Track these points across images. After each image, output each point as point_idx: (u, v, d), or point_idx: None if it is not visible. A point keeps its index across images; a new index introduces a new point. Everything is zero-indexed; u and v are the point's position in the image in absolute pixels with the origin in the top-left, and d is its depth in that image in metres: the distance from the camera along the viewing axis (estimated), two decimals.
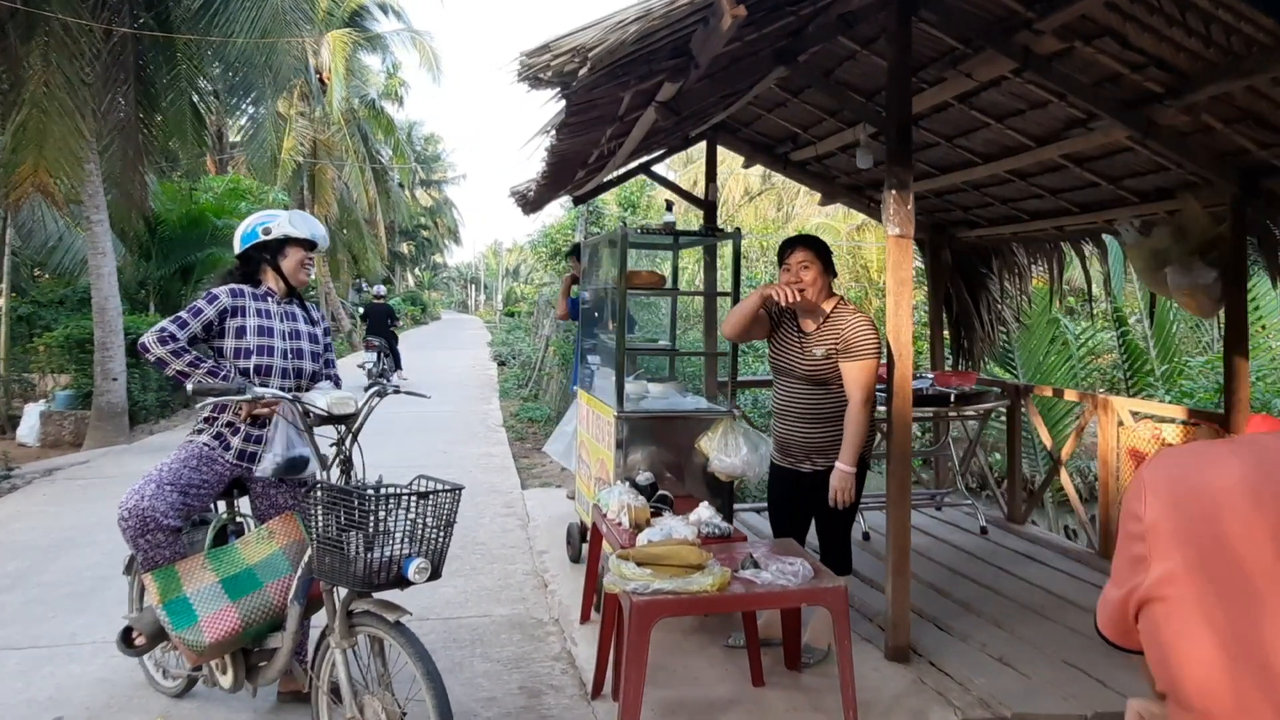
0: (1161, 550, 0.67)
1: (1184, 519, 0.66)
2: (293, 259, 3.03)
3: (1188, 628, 0.65)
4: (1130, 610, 0.70)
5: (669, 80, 2.98)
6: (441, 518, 2.33)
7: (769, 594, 2.73)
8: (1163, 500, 0.68)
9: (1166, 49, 3.17)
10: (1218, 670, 0.63)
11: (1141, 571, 0.68)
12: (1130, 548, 0.70)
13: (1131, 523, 0.70)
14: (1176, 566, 0.66)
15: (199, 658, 2.68)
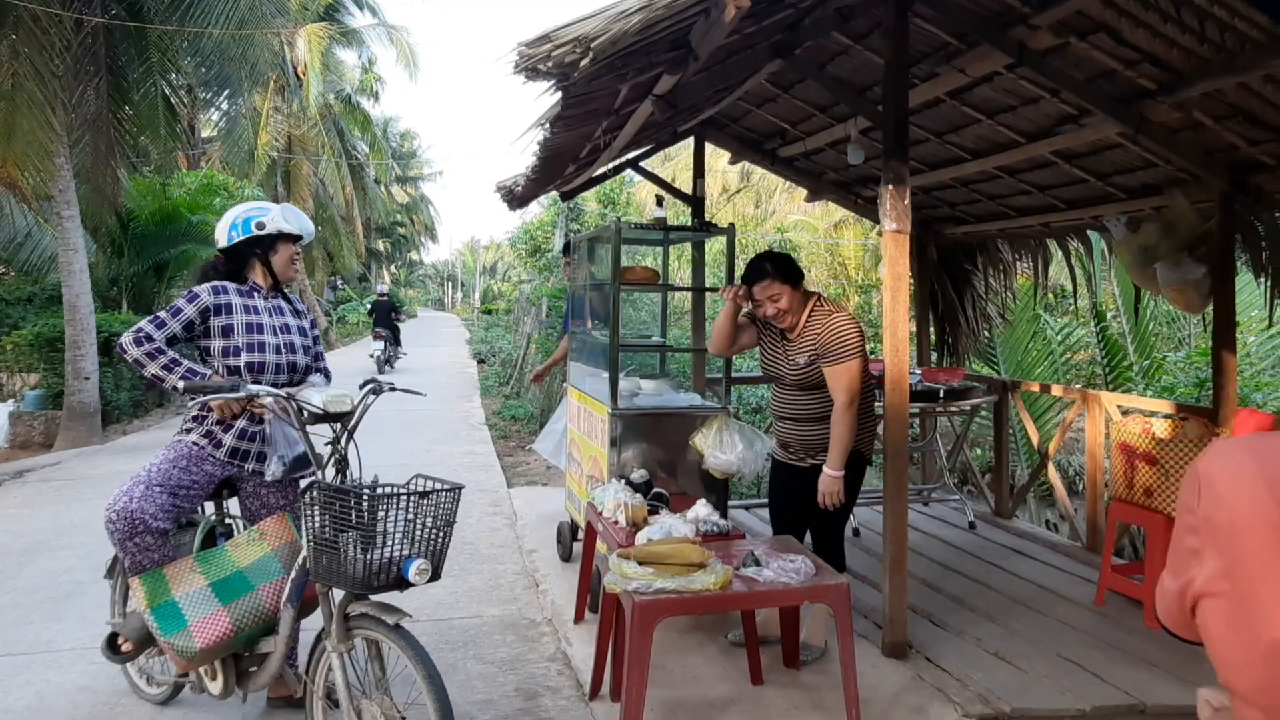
0: (1215, 544, 0.66)
1: (1238, 513, 0.65)
2: (284, 254, 2.97)
3: (1243, 624, 0.64)
4: (1188, 603, 0.70)
5: (668, 73, 2.95)
6: (441, 518, 2.28)
7: (772, 592, 2.71)
8: (1217, 494, 0.67)
9: (1160, 45, 3.19)
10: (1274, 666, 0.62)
11: (1196, 564, 0.68)
12: (1185, 540, 0.70)
13: (1186, 515, 0.70)
14: (1230, 561, 0.65)
15: (188, 664, 2.60)
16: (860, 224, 18.78)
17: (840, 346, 3.21)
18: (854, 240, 20.08)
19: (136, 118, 10.44)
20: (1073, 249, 5.83)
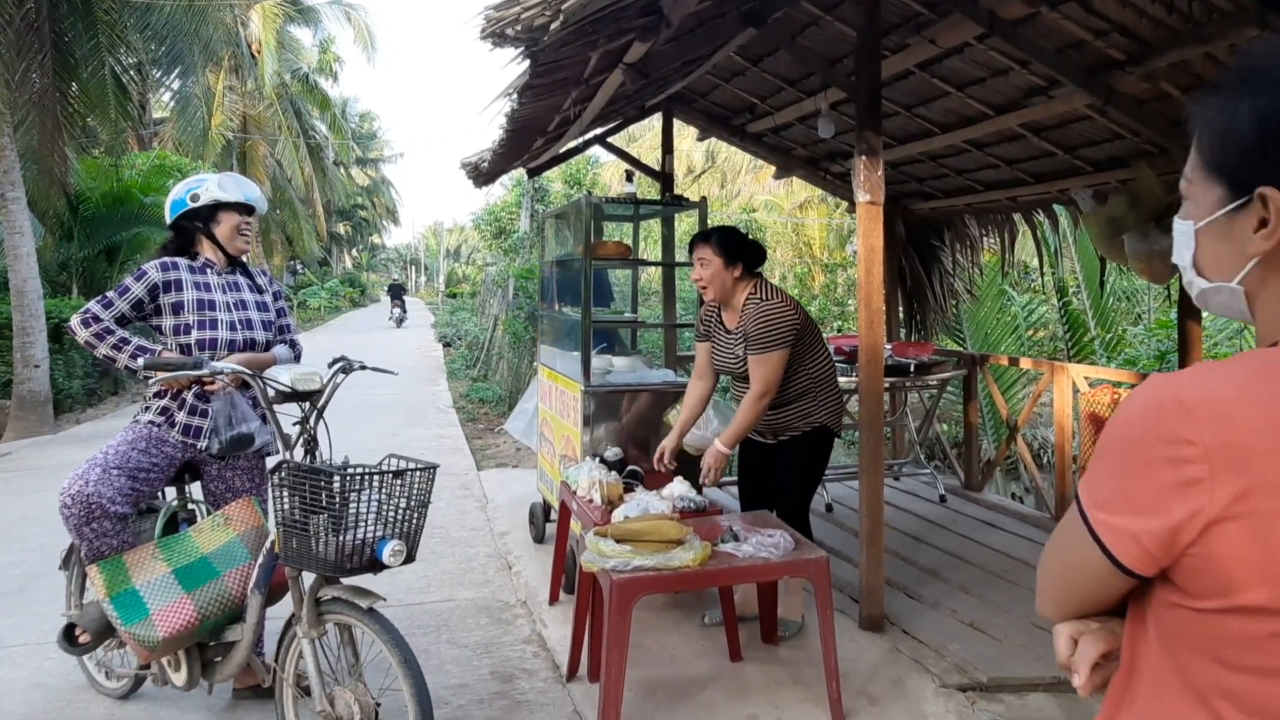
0: (1230, 470, 0.66)
1: (1252, 435, 0.66)
2: (226, 225, 2.81)
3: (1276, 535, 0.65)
4: (1186, 537, 0.69)
5: (639, 40, 2.87)
6: (415, 498, 2.21)
7: (751, 567, 2.69)
8: (1217, 421, 0.67)
9: (1130, 15, 3.19)
10: None
11: (1200, 494, 0.67)
12: (1170, 473, 0.69)
13: (1174, 448, 0.68)
14: (1252, 484, 0.66)
15: (151, 654, 2.51)
16: (825, 203, 18.87)
17: (763, 336, 3.14)
18: (819, 220, 20.17)
19: (85, 96, 10.04)
20: (1038, 223, 5.87)
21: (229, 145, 21.55)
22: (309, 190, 27.30)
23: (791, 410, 3.27)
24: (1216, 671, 0.72)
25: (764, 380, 3.13)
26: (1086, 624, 0.83)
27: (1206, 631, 0.72)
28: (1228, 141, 0.75)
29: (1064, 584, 0.83)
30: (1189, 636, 0.74)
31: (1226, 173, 0.76)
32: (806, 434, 3.26)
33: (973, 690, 2.95)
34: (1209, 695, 0.72)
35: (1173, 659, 0.75)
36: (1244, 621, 0.69)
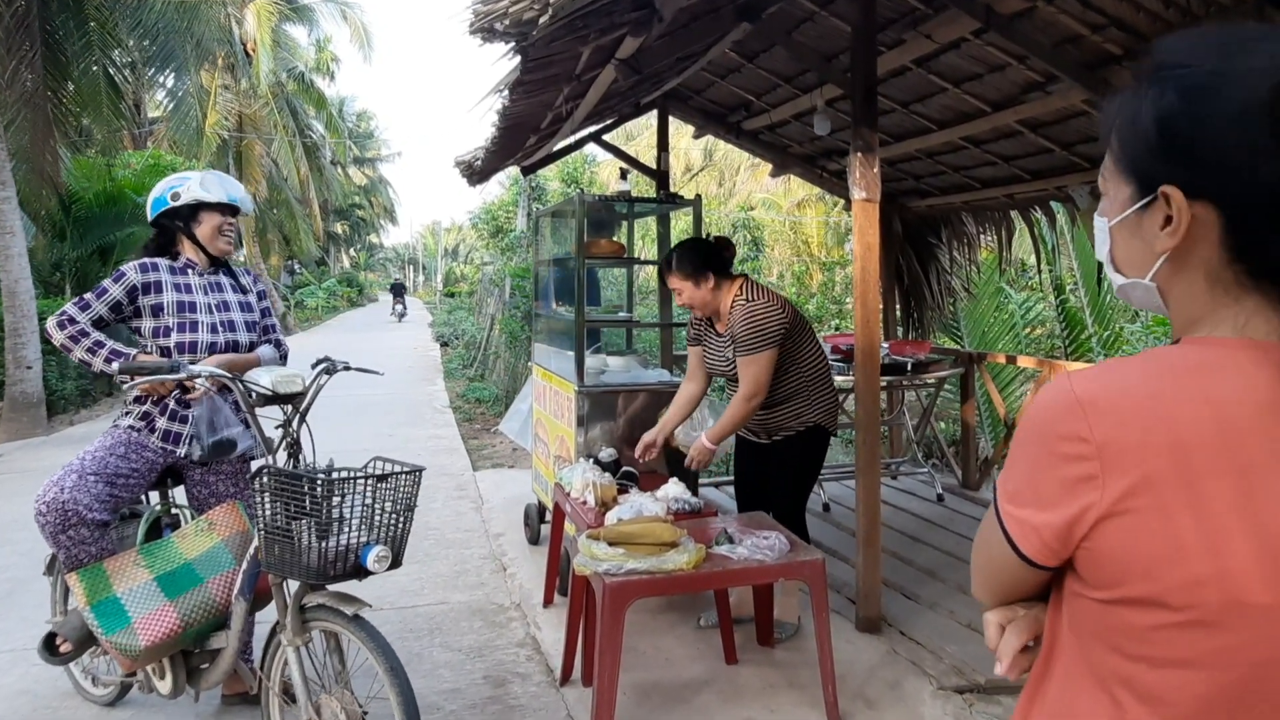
0: (1120, 467, 0.69)
1: (1142, 433, 0.68)
2: (207, 225, 2.74)
3: (1166, 536, 0.68)
4: (1080, 531, 0.72)
5: (631, 34, 2.82)
6: (401, 502, 2.17)
7: (746, 570, 2.65)
8: (1110, 418, 0.70)
9: (1126, 9, 3.15)
10: (1202, 568, 0.67)
11: (1092, 490, 0.70)
12: (1065, 468, 0.72)
13: (1069, 444, 0.71)
14: (1141, 479, 0.68)
15: (133, 663, 2.46)
16: (823, 202, 18.84)
17: (750, 338, 3.11)
18: (816, 218, 20.14)
19: (78, 95, 9.97)
20: (1035, 220, 5.83)
21: (225, 144, 21.47)
22: (305, 190, 27.21)
23: (784, 410, 3.24)
24: (1113, 659, 0.74)
25: (753, 381, 3.10)
26: (1014, 610, 0.86)
27: (1103, 620, 0.74)
28: (1134, 140, 0.76)
29: (989, 572, 0.85)
30: (1091, 625, 0.76)
31: (1134, 171, 0.76)
32: (800, 434, 3.22)
33: (970, 692, 2.91)
34: (1109, 681, 0.75)
35: (1080, 646, 0.78)
36: (1132, 612, 0.72)
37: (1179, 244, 0.73)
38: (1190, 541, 0.68)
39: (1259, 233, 0.70)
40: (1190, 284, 0.75)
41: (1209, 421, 0.68)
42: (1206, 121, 0.70)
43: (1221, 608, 0.68)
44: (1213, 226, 0.72)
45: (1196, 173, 0.72)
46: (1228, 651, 0.68)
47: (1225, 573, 0.67)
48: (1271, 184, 0.68)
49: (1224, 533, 0.67)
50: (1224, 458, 0.67)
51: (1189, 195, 0.72)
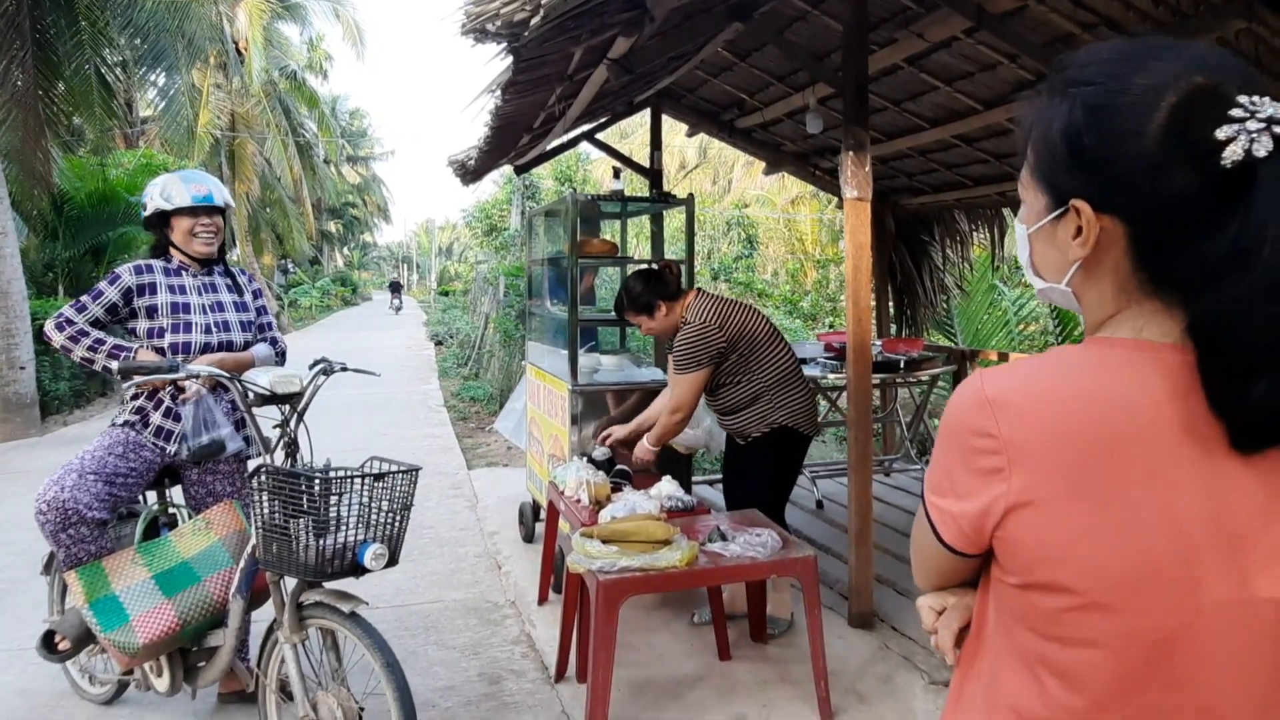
0: (1024, 462, 0.73)
1: (1044, 430, 0.72)
2: (179, 231, 2.73)
3: (1067, 525, 0.72)
4: (991, 520, 0.76)
5: (622, 35, 2.84)
6: (397, 501, 2.19)
7: (739, 566, 2.67)
8: (1015, 417, 0.74)
9: (1117, 8, 3.18)
10: (1101, 556, 0.71)
11: (1000, 482, 0.74)
12: (977, 462, 0.76)
13: (979, 440, 0.75)
14: (1044, 474, 0.72)
15: (131, 660, 2.47)
16: (817, 199, 18.87)
17: (680, 358, 3.27)
18: (810, 215, 20.17)
19: (69, 94, 9.94)
20: None
21: (217, 143, 21.41)
22: (298, 188, 27.14)
23: (746, 414, 3.34)
24: (1031, 639, 0.78)
25: (678, 397, 3.28)
26: (946, 597, 0.91)
27: (1019, 604, 0.79)
28: (1046, 152, 0.78)
29: (922, 559, 0.89)
30: (1010, 608, 0.80)
31: (1048, 182, 0.79)
32: (767, 435, 3.31)
33: None
34: (1029, 659, 0.79)
35: (1004, 627, 0.82)
36: (1042, 596, 0.76)
37: (1090, 253, 0.77)
38: (1088, 530, 0.72)
39: (1160, 244, 0.74)
40: (1100, 289, 0.79)
41: (1104, 418, 0.72)
42: (1109, 138, 0.73)
43: (1117, 591, 0.72)
44: (1119, 237, 0.75)
45: (1103, 187, 0.74)
46: (1127, 632, 0.73)
47: (1119, 559, 0.71)
48: (1169, 199, 0.71)
49: (1118, 522, 0.71)
50: (1117, 452, 0.71)
51: (1097, 208, 0.75)
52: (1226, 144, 0.69)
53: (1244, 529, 0.72)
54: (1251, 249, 0.68)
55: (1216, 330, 0.70)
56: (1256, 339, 0.68)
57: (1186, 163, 0.70)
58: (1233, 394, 0.70)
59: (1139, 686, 0.74)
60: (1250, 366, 0.69)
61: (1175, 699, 0.74)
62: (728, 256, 18.33)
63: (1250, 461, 0.72)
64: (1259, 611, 0.73)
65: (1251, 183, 0.68)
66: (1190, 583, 0.72)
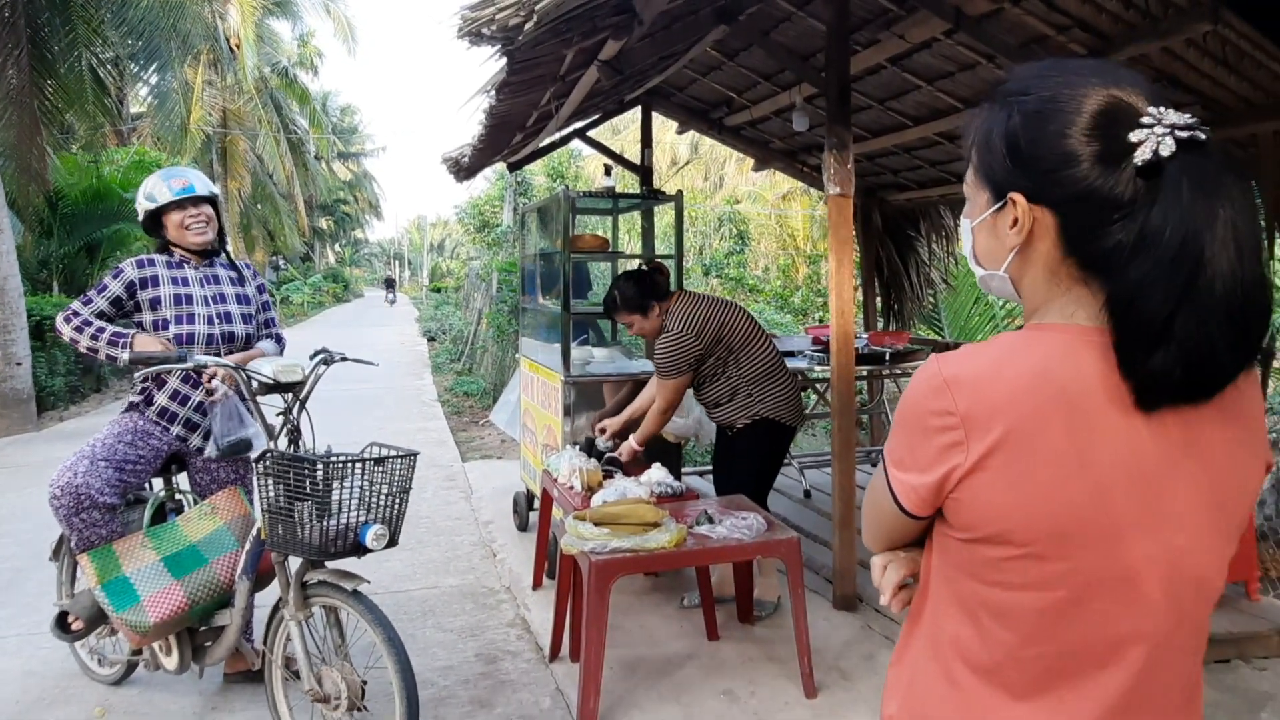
0: (979, 433, 0.83)
1: (993, 404, 0.83)
2: (171, 227, 2.83)
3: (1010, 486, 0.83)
4: (947, 486, 0.87)
5: (612, 38, 2.94)
6: (396, 484, 2.29)
7: (725, 548, 2.79)
8: (969, 393, 0.84)
9: (1089, 11, 3.29)
10: (1036, 511, 0.83)
11: (958, 453, 0.84)
12: (937, 439, 0.86)
13: (939, 419, 0.86)
14: (994, 442, 0.83)
15: (143, 639, 2.58)
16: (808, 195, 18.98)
17: (661, 365, 3.45)
18: (802, 211, 20.28)
19: (63, 92, 9.97)
20: None
21: (209, 140, 21.40)
22: (290, 185, 27.14)
23: (730, 407, 3.49)
24: (973, 585, 0.90)
25: (663, 400, 3.45)
26: (895, 554, 1.02)
27: (966, 556, 0.90)
28: (988, 153, 0.90)
29: (877, 523, 1.00)
30: (955, 559, 0.91)
31: (990, 180, 0.90)
32: (750, 425, 3.45)
33: None
34: (970, 603, 0.90)
35: (947, 578, 0.93)
36: (987, 548, 0.87)
37: (1024, 241, 0.88)
38: (1029, 491, 0.83)
39: (1083, 231, 0.85)
40: (1034, 276, 0.89)
41: (1042, 392, 0.83)
42: (1041, 140, 0.85)
43: (1050, 541, 0.83)
44: (1050, 227, 0.86)
45: (1036, 182, 0.86)
46: (1057, 576, 0.84)
47: (1053, 513, 0.83)
48: (1091, 191, 0.83)
49: (1053, 483, 0.82)
50: (1052, 421, 0.82)
51: (1031, 200, 0.86)
52: (1138, 145, 0.80)
53: (1156, 482, 0.84)
54: (1155, 234, 0.79)
55: (1126, 305, 0.81)
56: (1157, 311, 0.79)
57: (1105, 161, 0.82)
58: (1138, 361, 0.81)
59: (1064, 623, 0.85)
60: (1152, 336, 0.80)
61: (1093, 633, 0.85)
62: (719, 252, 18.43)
63: (1161, 422, 0.83)
64: (1167, 554, 0.84)
65: (1158, 178, 0.80)
66: (1112, 531, 0.83)
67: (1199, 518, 0.85)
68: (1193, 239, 0.78)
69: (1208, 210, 0.79)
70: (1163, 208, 0.79)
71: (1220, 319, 0.79)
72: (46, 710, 2.88)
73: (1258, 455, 0.91)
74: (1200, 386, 0.81)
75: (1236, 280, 0.79)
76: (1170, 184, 0.79)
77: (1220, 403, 0.84)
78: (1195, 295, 0.78)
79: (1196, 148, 0.80)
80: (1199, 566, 0.87)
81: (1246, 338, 0.81)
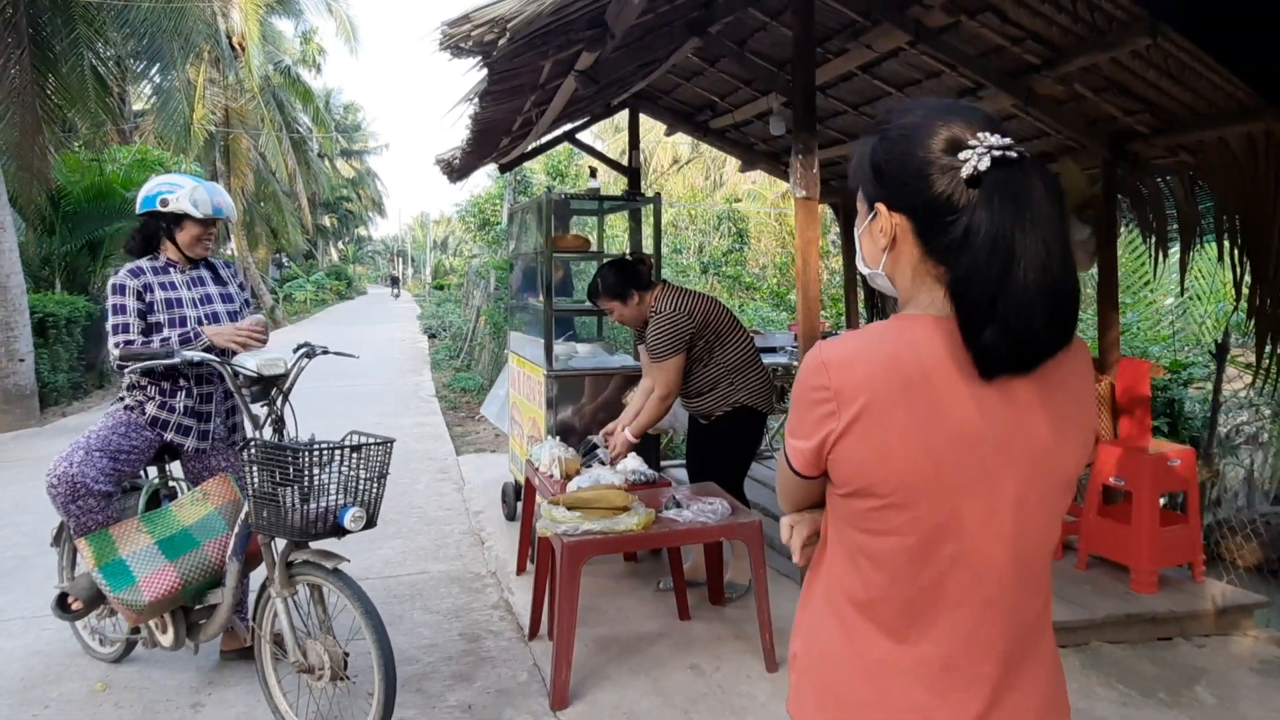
0: (847, 403, 1.01)
1: (859, 379, 1.00)
2: (188, 234, 2.97)
3: (872, 446, 1.00)
4: (825, 449, 1.04)
5: (587, 50, 3.11)
6: (374, 469, 2.46)
7: (690, 530, 2.96)
8: (841, 371, 1.02)
9: (1041, 24, 3.45)
10: (894, 467, 0.99)
11: (832, 421, 1.02)
12: (817, 410, 1.04)
13: (818, 393, 1.04)
14: (859, 410, 1.00)
15: (139, 617, 2.75)
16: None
17: (658, 346, 3.54)
18: None
19: (64, 91, 10.14)
20: None
21: (212, 138, 21.58)
22: (293, 183, 27.31)
23: (712, 395, 3.64)
24: (852, 533, 1.08)
25: (664, 384, 3.53)
26: (801, 515, 1.20)
27: (845, 508, 1.08)
28: (863, 173, 1.09)
29: (782, 487, 1.19)
30: (839, 512, 1.09)
31: (865, 193, 1.10)
32: (730, 413, 3.60)
33: None
34: (851, 549, 1.08)
35: (836, 529, 1.11)
36: (858, 501, 1.04)
37: (891, 243, 1.06)
38: (886, 450, 1.00)
39: (930, 232, 1.03)
40: (902, 272, 1.07)
41: (902, 368, 1.00)
42: (899, 161, 1.04)
43: (906, 493, 1.01)
44: (908, 229, 1.05)
45: (895, 194, 1.05)
46: (912, 522, 1.02)
47: (907, 469, 1.00)
48: (933, 200, 1.01)
49: (906, 443, 1.00)
50: (907, 395, 1.00)
51: (891, 209, 1.05)
52: (964, 163, 0.99)
53: (990, 443, 1.00)
54: (975, 231, 0.97)
55: (959, 291, 0.99)
56: (982, 294, 0.97)
57: (942, 175, 1.00)
58: (973, 337, 0.98)
59: (922, 563, 1.03)
60: (981, 315, 0.97)
61: (942, 574, 1.02)
62: (718, 250, 18.58)
63: (1001, 391, 1.00)
64: (991, 505, 1.01)
65: (978, 188, 0.98)
66: (955, 485, 1.00)
67: (1024, 474, 1.02)
68: (1005, 235, 0.96)
69: (1016, 212, 0.97)
70: (981, 210, 0.98)
71: (1034, 301, 0.96)
72: (51, 686, 3.06)
73: (1084, 425, 1.09)
74: (1024, 358, 0.99)
75: (1045, 270, 0.96)
76: (986, 192, 0.98)
77: (1049, 377, 1.02)
78: (1011, 281, 0.96)
79: (1010, 164, 0.98)
80: (1021, 518, 1.03)
81: (1058, 317, 0.98)
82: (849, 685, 1.08)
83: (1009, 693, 1.05)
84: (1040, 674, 1.08)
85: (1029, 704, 1.06)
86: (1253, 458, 7.07)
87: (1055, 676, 1.11)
